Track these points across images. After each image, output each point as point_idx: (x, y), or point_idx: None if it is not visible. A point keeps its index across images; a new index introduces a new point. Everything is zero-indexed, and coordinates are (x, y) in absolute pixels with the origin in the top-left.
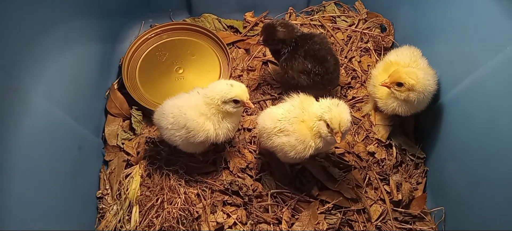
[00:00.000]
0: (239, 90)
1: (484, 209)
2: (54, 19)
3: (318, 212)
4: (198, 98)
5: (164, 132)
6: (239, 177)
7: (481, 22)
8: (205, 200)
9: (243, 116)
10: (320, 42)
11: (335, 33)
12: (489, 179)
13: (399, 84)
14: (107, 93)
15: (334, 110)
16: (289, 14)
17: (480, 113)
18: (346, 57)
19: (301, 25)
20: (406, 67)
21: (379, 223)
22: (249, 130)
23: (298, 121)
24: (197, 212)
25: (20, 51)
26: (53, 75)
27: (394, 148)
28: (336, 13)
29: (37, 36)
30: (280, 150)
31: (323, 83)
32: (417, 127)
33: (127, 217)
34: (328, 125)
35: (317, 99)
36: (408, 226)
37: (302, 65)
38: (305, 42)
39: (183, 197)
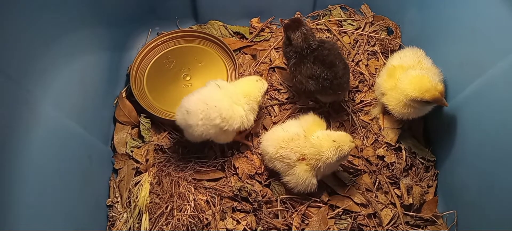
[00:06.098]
0: (264, 82)
1: (497, 212)
2: (62, 29)
3: (328, 217)
4: (224, 91)
5: (195, 129)
6: (248, 183)
7: (489, 24)
8: (214, 206)
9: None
10: (329, 48)
11: (342, 37)
12: (502, 181)
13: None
14: (115, 102)
15: (343, 145)
16: None
17: (490, 115)
18: (353, 60)
19: None
20: (408, 74)
21: (391, 228)
22: (257, 136)
23: (301, 152)
24: (206, 219)
25: (29, 62)
26: (62, 85)
27: (403, 151)
28: (342, 17)
29: (46, 46)
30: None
31: (332, 88)
32: (426, 130)
33: (137, 225)
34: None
35: (325, 105)
36: (420, 230)
37: (311, 70)
38: (314, 49)
39: (193, 204)
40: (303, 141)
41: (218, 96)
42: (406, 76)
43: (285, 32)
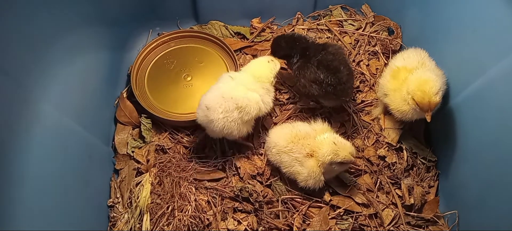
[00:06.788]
0: (276, 62)
1: (498, 212)
2: (63, 29)
3: (329, 217)
4: (237, 81)
5: (216, 124)
6: (249, 183)
7: (491, 23)
8: (215, 207)
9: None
10: (334, 52)
11: (342, 37)
12: (503, 181)
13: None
14: (116, 102)
15: (341, 151)
16: (296, 19)
17: (491, 115)
18: (354, 61)
19: (308, 30)
20: (413, 77)
21: (392, 228)
22: (258, 136)
23: (310, 149)
24: (208, 219)
25: (30, 61)
26: (62, 84)
27: (404, 152)
28: (343, 17)
29: (46, 46)
30: (290, 173)
31: (335, 93)
32: (427, 130)
33: (138, 225)
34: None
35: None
36: (421, 230)
37: (314, 74)
38: (318, 52)
39: (194, 204)
40: (313, 140)
41: (232, 87)
42: (412, 78)
43: (278, 56)
